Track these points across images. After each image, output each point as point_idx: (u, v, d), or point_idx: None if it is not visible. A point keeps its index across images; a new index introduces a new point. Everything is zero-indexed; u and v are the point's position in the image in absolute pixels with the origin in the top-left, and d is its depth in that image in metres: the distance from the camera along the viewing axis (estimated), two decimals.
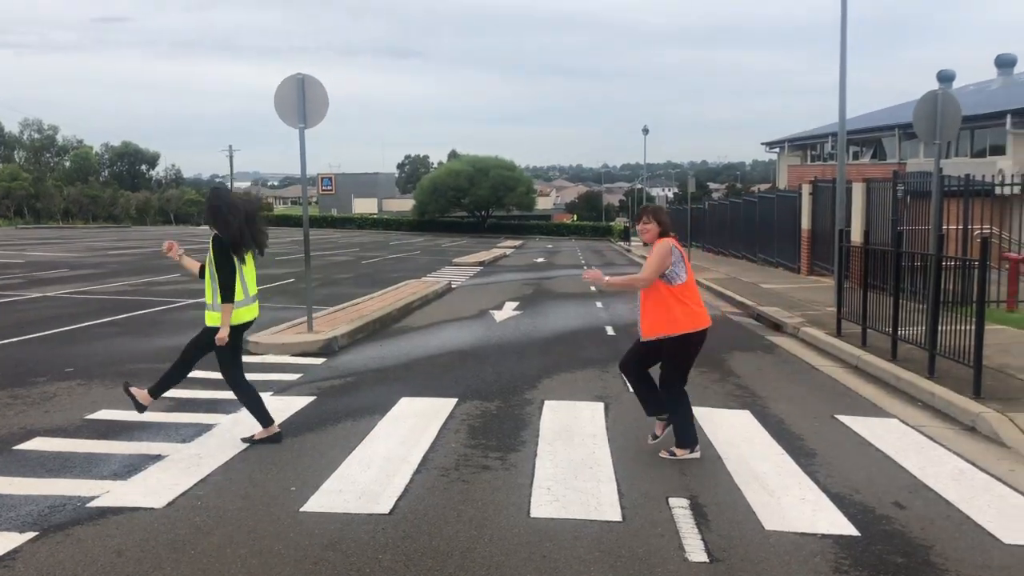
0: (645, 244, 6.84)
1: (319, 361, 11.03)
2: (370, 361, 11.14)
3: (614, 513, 5.45)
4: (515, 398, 8.88)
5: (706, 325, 6.71)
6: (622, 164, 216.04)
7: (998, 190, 18.03)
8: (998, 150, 26.05)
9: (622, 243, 61.34)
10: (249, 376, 7.38)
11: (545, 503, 5.64)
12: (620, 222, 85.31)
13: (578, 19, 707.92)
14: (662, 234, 6.68)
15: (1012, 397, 8.30)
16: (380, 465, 6.45)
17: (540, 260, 39.74)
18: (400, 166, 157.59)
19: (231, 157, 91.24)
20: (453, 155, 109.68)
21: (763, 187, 62.66)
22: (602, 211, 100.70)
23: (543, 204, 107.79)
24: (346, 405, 8.52)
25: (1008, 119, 24.58)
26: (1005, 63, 40.35)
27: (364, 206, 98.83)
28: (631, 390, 7.16)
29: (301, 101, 12.03)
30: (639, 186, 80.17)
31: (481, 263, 34.46)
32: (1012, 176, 22.65)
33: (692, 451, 6.73)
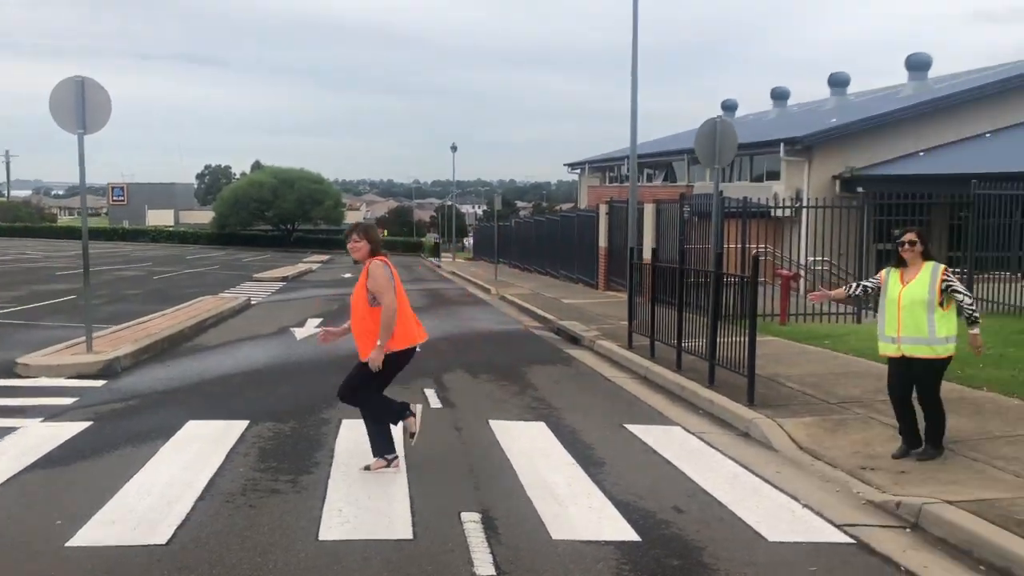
0: (356, 262, 6.84)
1: (99, 384, 10.30)
2: (156, 383, 10.53)
3: (406, 531, 5.41)
4: (311, 418, 8.65)
5: (417, 342, 6.84)
6: (433, 180, 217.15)
7: (775, 212, 19.54)
8: (774, 175, 28.23)
9: (433, 259, 61.54)
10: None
11: (335, 525, 5.51)
12: (431, 238, 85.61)
13: (388, 35, 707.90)
14: (372, 252, 6.75)
15: (781, 404, 8.97)
16: (160, 492, 6.09)
17: (348, 276, 39.11)
18: (200, 176, 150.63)
19: (8, 164, 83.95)
20: (257, 166, 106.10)
21: (567, 206, 64.89)
22: (413, 227, 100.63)
23: (352, 218, 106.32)
24: (126, 430, 8.00)
25: (782, 147, 26.70)
26: (780, 95, 43.93)
27: (160, 218, 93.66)
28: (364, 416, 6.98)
29: (80, 105, 11.25)
30: (449, 202, 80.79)
31: (284, 278, 33.51)
32: (786, 199, 24.63)
33: (390, 464, 6.69)
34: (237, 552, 5.05)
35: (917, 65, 34.94)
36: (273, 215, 77.33)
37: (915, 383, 6.94)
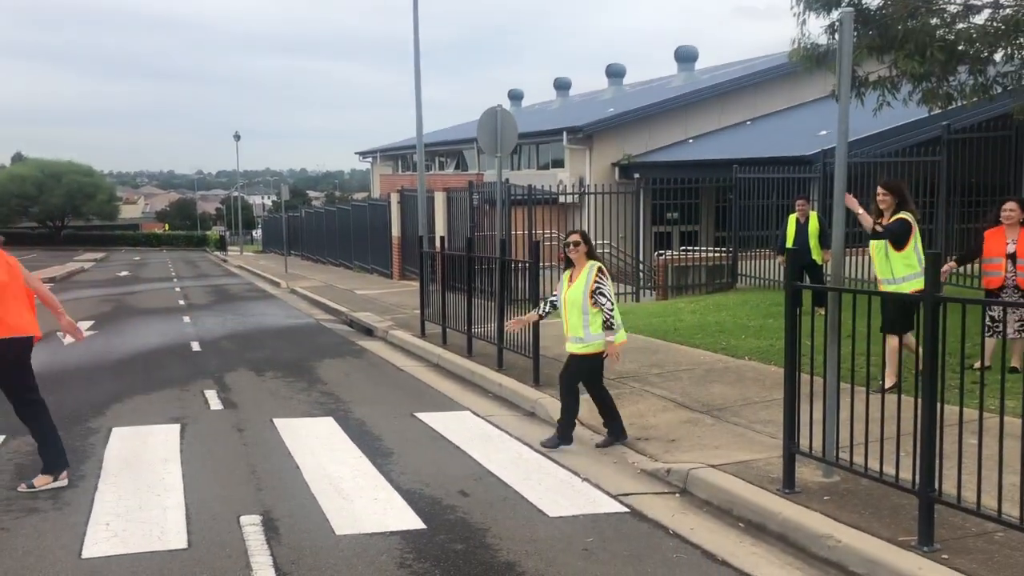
0: None
1: None
2: None
3: (180, 541, 5.14)
4: (77, 428, 8.04)
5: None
6: (218, 171, 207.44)
7: (561, 199, 20.20)
8: (559, 163, 29.21)
9: (219, 253, 58.93)
10: None
11: (101, 540, 5.15)
12: (217, 231, 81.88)
13: (161, 18, 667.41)
14: None
15: None
16: None
17: (124, 274, 36.75)
18: None
19: None
20: (19, 158, 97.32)
21: (361, 195, 64.04)
22: (197, 220, 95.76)
23: (130, 213, 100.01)
24: None
25: (564, 136, 27.68)
26: (562, 86, 45.47)
27: None
28: None
29: None
30: (236, 193, 77.54)
31: (52, 279, 30.99)
32: (571, 186, 25.55)
33: (58, 478, 6.26)
34: None
35: (685, 57, 37.25)
36: (39, 211, 71.35)
37: (580, 377, 7.21)
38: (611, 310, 7.01)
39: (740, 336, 11.08)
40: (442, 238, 15.56)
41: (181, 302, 21.97)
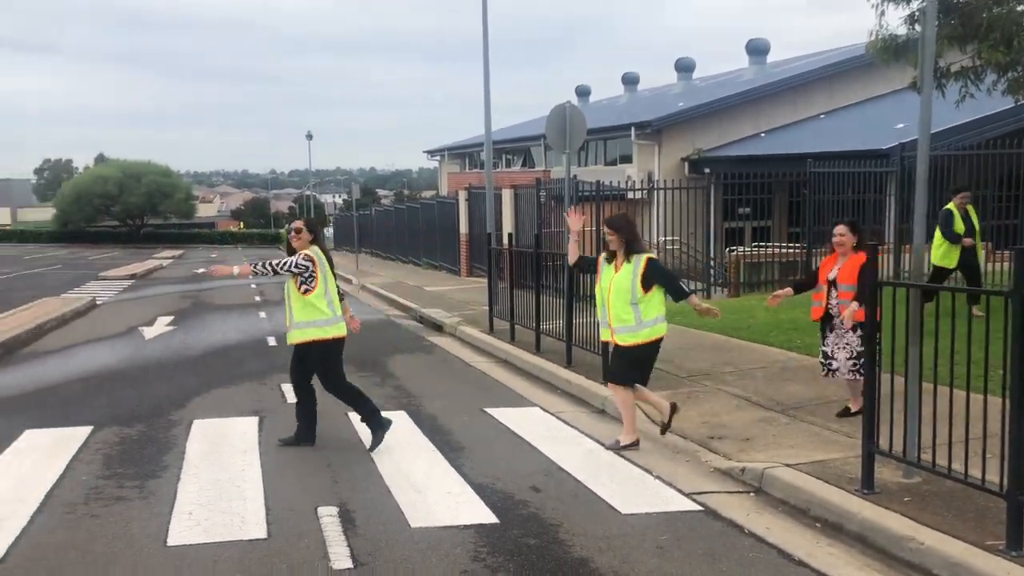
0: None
1: None
2: None
3: (259, 531, 5.27)
4: (160, 420, 8.30)
5: None
6: (290, 170, 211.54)
7: (629, 195, 20.08)
8: (627, 159, 29.01)
9: None
10: None
11: (185, 529, 5.32)
12: (289, 229, 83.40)
13: (232, 22, 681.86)
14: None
15: None
16: None
17: (201, 271, 37.73)
18: (39, 171, 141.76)
19: None
20: (101, 159, 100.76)
21: (429, 193, 64.64)
22: (271, 218, 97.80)
23: (206, 211, 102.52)
24: None
25: (633, 131, 27.47)
26: (630, 81, 45.15)
27: None
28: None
29: None
30: (308, 192, 78.98)
31: (133, 276, 32.00)
32: (639, 181, 25.36)
33: None
34: (77, 565, 4.80)
35: (757, 50, 36.64)
36: (120, 210, 73.61)
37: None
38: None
39: (815, 334, 10.80)
40: (510, 235, 15.60)
41: (257, 298, 22.46)
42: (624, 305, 6.89)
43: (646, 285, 6.88)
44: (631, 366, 6.99)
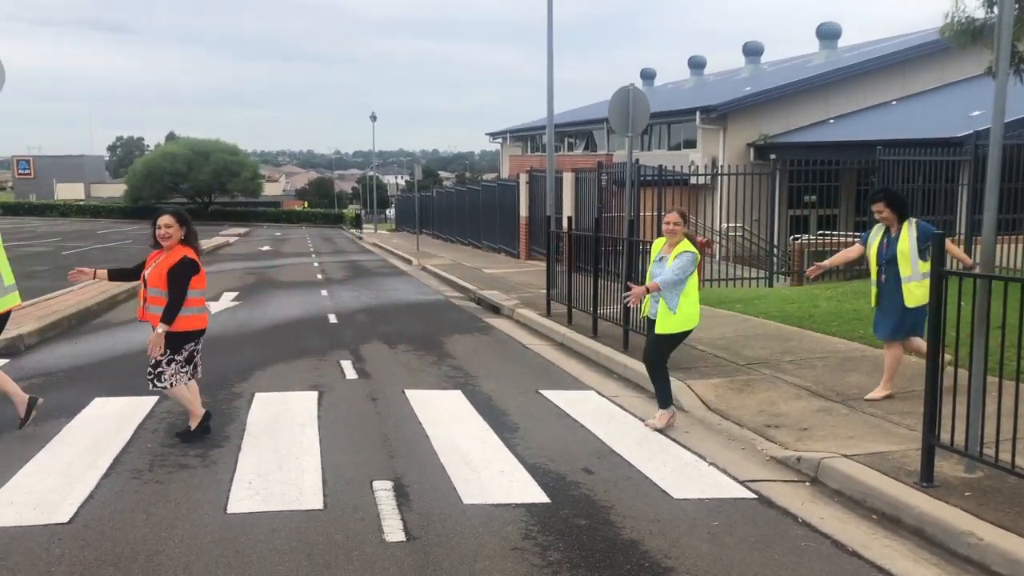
0: None
1: (0, 363, 9.94)
2: (62, 360, 10.24)
3: (316, 502, 5.40)
4: (223, 392, 8.52)
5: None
6: (354, 151, 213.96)
7: (692, 180, 19.89)
8: (691, 143, 28.65)
9: (354, 230, 60.86)
10: None
11: (244, 498, 5.47)
12: (352, 209, 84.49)
13: (297, 3, 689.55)
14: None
15: (692, 366, 9.17)
16: (62, 471, 5.94)
17: (266, 248, 38.49)
18: (111, 148, 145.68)
19: None
20: (171, 137, 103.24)
21: (490, 176, 64.79)
22: (334, 198, 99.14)
23: (272, 190, 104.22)
24: None
25: (697, 115, 27.10)
26: (696, 64, 44.49)
27: (69, 191, 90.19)
28: None
29: None
30: (371, 173, 79.77)
31: (199, 253, 32.72)
32: (703, 167, 25.06)
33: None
34: (142, 528, 4.97)
35: (828, 34, 35.77)
36: (188, 187, 75.37)
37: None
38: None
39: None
40: (569, 218, 15.56)
41: (319, 276, 22.84)
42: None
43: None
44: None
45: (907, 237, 7.28)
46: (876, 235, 7.54)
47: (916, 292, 7.16)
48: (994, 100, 5.39)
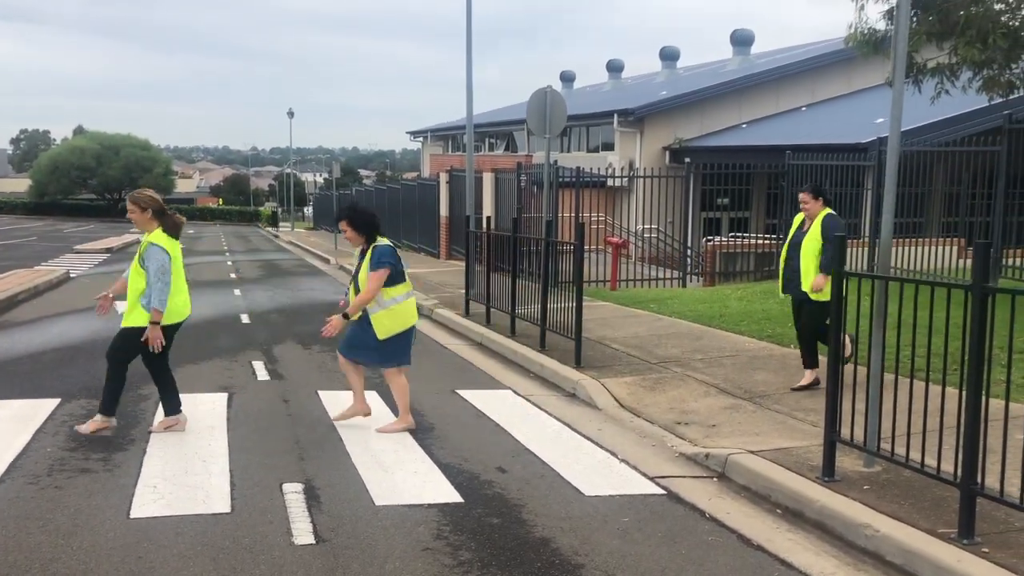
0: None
1: None
2: None
3: (223, 505, 5.28)
4: (129, 394, 8.20)
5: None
6: (272, 147, 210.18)
7: (609, 182, 20.10)
8: (609, 146, 29.02)
9: (270, 228, 59.74)
10: None
11: (148, 502, 5.31)
12: (269, 207, 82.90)
13: None
14: None
15: (607, 365, 9.29)
16: None
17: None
18: (15, 141, 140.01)
19: None
20: (80, 131, 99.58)
21: (411, 175, 64.40)
22: (250, 195, 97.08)
23: (185, 187, 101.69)
24: None
25: (615, 119, 27.48)
26: (615, 68, 45.06)
27: None
28: None
29: None
30: (288, 170, 78.41)
31: (109, 250, 31.78)
32: (620, 169, 25.39)
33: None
34: (37, 535, 4.79)
35: (741, 40, 36.66)
36: (97, 183, 72.94)
37: None
38: None
39: (786, 324, 10.91)
40: (488, 218, 15.57)
41: (233, 275, 22.36)
42: None
43: None
44: None
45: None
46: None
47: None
48: (891, 108, 5.60)
